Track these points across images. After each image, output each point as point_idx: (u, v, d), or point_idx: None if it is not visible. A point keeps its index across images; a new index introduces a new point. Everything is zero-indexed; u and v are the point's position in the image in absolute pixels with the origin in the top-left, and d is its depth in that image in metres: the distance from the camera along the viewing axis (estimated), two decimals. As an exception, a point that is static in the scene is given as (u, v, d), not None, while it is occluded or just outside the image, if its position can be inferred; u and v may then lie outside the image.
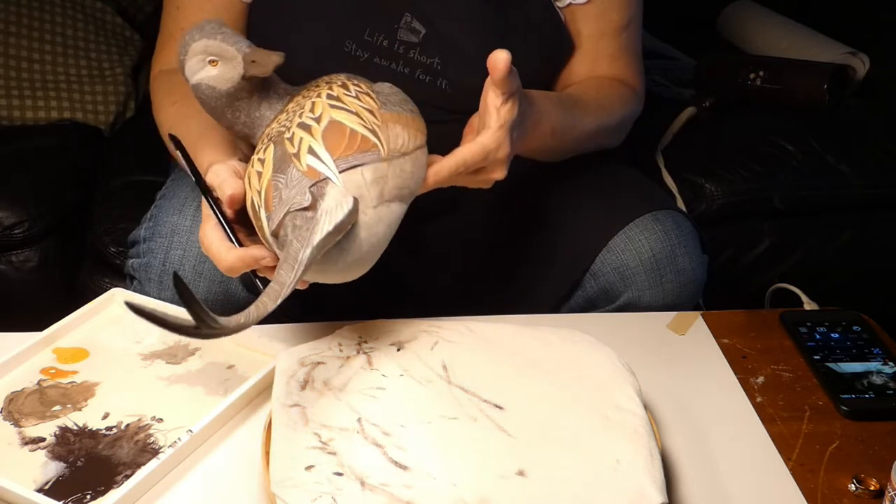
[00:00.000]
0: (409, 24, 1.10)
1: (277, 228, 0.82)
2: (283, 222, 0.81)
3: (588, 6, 1.15)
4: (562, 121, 1.05)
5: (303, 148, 0.83)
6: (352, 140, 0.84)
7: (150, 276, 1.05)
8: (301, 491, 0.75)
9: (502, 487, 0.76)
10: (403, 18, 1.10)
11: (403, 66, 1.10)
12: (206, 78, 0.90)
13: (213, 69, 0.89)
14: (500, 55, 0.86)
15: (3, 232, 1.51)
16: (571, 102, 1.09)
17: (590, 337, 0.94)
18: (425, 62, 1.11)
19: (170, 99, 1.11)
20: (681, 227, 1.13)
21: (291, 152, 0.83)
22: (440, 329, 0.94)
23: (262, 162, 0.85)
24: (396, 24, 1.10)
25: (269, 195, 0.83)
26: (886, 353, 1.03)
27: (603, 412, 0.84)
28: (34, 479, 0.81)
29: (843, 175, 1.71)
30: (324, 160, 0.82)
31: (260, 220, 0.84)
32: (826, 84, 1.77)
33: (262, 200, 0.83)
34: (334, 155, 0.82)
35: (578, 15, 1.16)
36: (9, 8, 1.73)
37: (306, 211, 0.80)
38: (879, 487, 0.85)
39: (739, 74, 1.83)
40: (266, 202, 0.83)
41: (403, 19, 1.10)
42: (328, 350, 0.90)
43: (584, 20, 1.16)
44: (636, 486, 0.77)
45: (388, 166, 0.84)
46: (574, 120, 1.08)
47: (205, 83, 0.90)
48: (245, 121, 0.91)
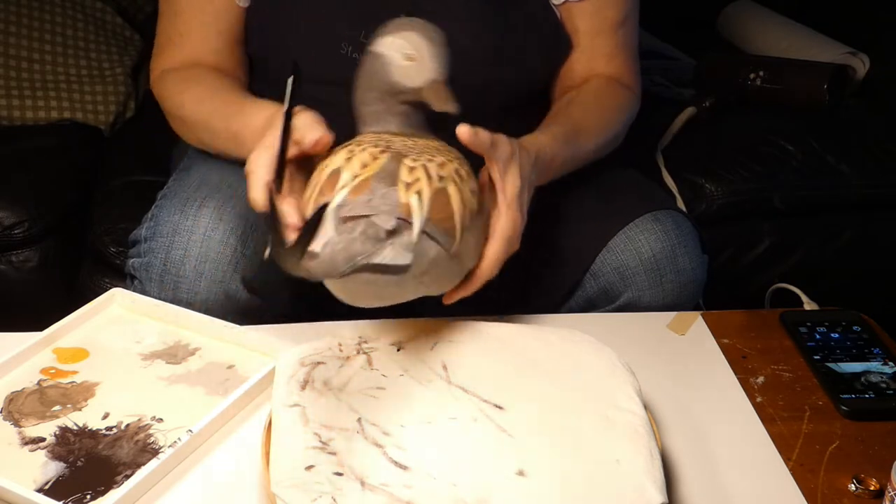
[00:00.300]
0: None
1: (345, 216, 0.82)
2: (356, 219, 0.81)
3: (584, 3, 1.15)
4: (567, 154, 1.06)
5: (415, 187, 0.84)
6: (445, 217, 0.86)
7: (150, 275, 1.05)
8: (301, 491, 0.75)
9: (502, 487, 0.76)
10: None
11: None
12: (394, 63, 0.91)
13: (405, 62, 0.91)
14: (459, 131, 0.88)
15: (3, 232, 1.51)
16: (574, 132, 1.09)
17: (590, 337, 0.94)
18: None
19: (187, 85, 1.12)
20: (681, 227, 1.13)
21: (404, 179, 0.85)
22: (440, 329, 0.94)
23: (373, 157, 0.86)
24: None
25: (361, 186, 0.84)
26: (886, 353, 1.03)
27: (603, 412, 0.84)
28: (34, 479, 0.81)
29: (843, 175, 1.71)
30: (422, 212, 0.83)
31: (332, 193, 0.84)
32: (826, 84, 1.77)
33: (351, 181, 0.84)
34: (428, 215, 0.84)
35: (574, 12, 1.16)
36: (9, 8, 1.73)
37: (379, 230, 0.81)
38: (879, 487, 0.85)
39: (739, 74, 1.83)
40: (356, 187, 0.84)
41: None
42: (328, 350, 0.90)
43: (580, 17, 1.16)
44: (636, 486, 0.77)
45: (446, 261, 0.87)
46: (579, 149, 1.09)
47: (389, 65, 0.92)
48: (372, 111, 0.94)
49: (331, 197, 0.84)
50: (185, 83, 1.13)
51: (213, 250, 1.02)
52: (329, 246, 0.79)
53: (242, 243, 1.03)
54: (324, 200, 0.84)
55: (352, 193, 0.84)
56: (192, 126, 1.13)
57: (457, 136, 0.89)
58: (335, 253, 0.78)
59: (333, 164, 0.87)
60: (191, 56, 1.16)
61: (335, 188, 0.85)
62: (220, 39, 1.16)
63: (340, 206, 0.83)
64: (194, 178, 1.10)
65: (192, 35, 1.16)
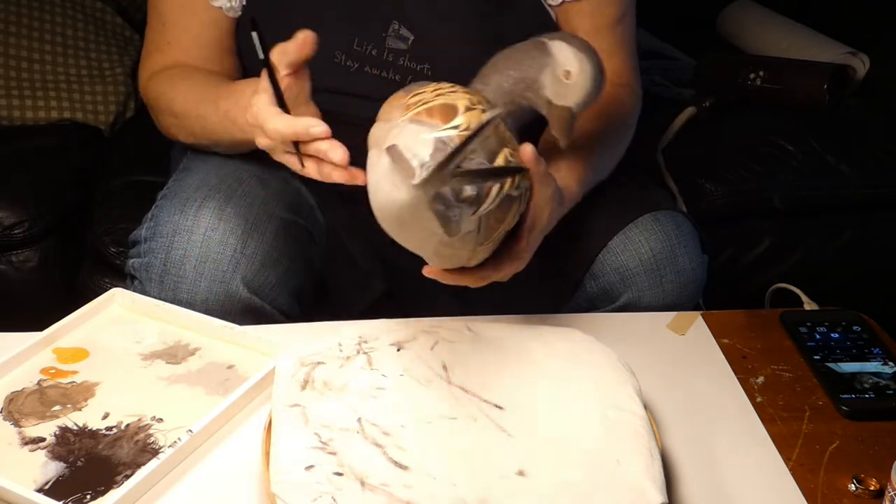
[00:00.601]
0: (396, 32, 1.10)
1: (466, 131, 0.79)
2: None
3: (582, 3, 1.15)
4: (582, 182, 1.04)
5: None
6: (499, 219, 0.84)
7: (150, 275, 1.05)
8: (301, 491, 0.75)
9: (502, 487, 0.76)
10: (391, 26, 1.10)
11: (394, 74, 1.11)
12: (553, 68, 0.90)
13: (561, 74, 0.90)
14: (525, 149, 0.86)
15: (3, 232, 1.51)
16: (594, 170, 1.07)
17: (590, 337, 0.94)
18: (415, 69, 1.11)
19: (175, 81, 1.13)
20: (681, 227, 1.13)
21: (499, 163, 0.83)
22: (440, 329, 0.93)
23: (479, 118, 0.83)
24: (384, 32, 1.10)
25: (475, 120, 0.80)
26: (886, 353, 1.03)
27: (603, 412, 0.84)
28: (34, 479, 0.81)
29: (843, 175, 1.71)
30: (489, 204, 0.80)
31: (436, 121, 0.81)
32: (826, 84, 1.77)
33: (464, 128, 0.80)
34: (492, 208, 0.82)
35: (573, 13, 1.16)
36: (9, 8, 1.73)
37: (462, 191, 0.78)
38: (879, 487, 0.85)
39: (739, 74, 1.83)
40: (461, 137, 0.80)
41: (391, 27, 1.10)
42: (328, 350, 0.90)
43: (578, 18, 1.16)
44: (636, 485, 0.77)
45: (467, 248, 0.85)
46: (593, 174, 1.08)
47: (547, 66, 0.90)
48: (498, 85, 0.92)
49: (430, 121, 0.81)
50: (174, 79, 1.14)
51: (213, 250, 1.02)
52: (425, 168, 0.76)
53: (242, 243, 1.03)
54: (423, 118, 0.82)
55: (461, 141, 0.79)
56: (183, 119, 1.12)
57: (521, 152, 0.87)
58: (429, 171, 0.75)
59: (452, 98, 0.84)
60: (178, 64, 1.16)
61: (446, 119, 0.81)
62: (207, 50, 1.16)
63: (442, 142, 0.79)
64: (194, 178, 1.10)
65: (180, 45, 1.16)
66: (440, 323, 0.95)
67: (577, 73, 0.90)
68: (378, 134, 0.85)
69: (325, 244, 1.18)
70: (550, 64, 0.91)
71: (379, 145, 0.82)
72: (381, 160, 0.80)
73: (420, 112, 0.83)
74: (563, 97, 0.91)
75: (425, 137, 0.79)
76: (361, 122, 1.14)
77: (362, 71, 1.11)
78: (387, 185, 0.78)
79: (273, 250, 1.06)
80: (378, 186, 0.81)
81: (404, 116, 0.83)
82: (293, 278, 1.08)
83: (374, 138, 0.86)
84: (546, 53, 0.91)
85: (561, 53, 0.91)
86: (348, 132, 1.15)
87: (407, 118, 0.82)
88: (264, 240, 1.05)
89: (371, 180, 0.83)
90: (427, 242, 0.83)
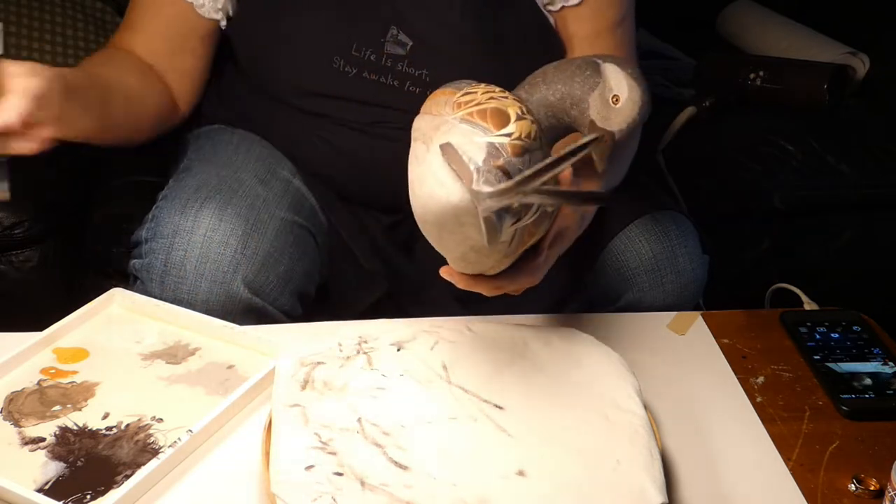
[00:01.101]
0: (395, 37, 1.10)
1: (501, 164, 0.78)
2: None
3: (581, 8, 1.15)
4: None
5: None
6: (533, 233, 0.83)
7: (151, 276, 1.05)
8: (301, 491, 0.75)
9: (502, 487, 0.76)
10: (390, 31, 1.10)
11: (392, 79, 1.11)
12: (602, 90, 0.89)
13: (610, 98, 0.88)
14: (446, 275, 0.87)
15: (3, 232, 1.51)
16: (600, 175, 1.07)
17: (590, 337, 0.94)
18: (414, 74, 1.11)
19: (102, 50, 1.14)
20: (681, 227, 1.13)
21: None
22: (440, 329, 0.93)
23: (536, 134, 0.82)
24: (383, 37, 1.10)
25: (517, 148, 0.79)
26: (886, 353, 1.03)
27: (603, 412, 0.84)
28: (34, 479, 0.81)
29: (843, 175, 1.70)
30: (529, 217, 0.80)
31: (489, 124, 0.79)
32: (826, 84, 1.77)
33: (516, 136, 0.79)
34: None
35: (572, 17, 1.15)
36: (9, 8, 1.73)
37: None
38: (879, 487, 0.85)
39: (739, 74, 1.83)
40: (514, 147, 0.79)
41: (390, 32, 1.10)
42: (328, 350, 0.90)
43: (578, 22, 1.15)
44: (636, 486, 0.78)
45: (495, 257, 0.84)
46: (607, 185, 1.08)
47: (595, 88, 0.89)
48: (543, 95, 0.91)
49: (483, 124, 0.79)
50: (102, 56, 1.14)
51: (213, 251, 1.02)
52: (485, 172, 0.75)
53: (243, 244, 1.03)
54: (476, 120, 0.80)
55: (513, 149, 0.78)
56: None
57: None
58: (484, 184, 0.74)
59: (504, 104, 0.81)
60: (134, 49, 1.15)
61: (498, 124, 0.79)
62: (164, 44, 1.15)
63: (494, 147, 0.78)
64: (194, 179, 1.10)
65: (142, 30, 1.15)
66: (440, 323, 0.95)
67: (626, 100, 0.88)
68: (424, 127, 0.83)
69: (326, 245, 1.18)
70: (600, 86, 0.89)
71: (426, 139, 0.81)
72: (431, 156, 0.78)
73: (472, 112, 0.80)
74: (608, 121, 0.89)
75: (478, 140, 0.78)
76: (360, 127, 1.14)
77: (360, 76, 1.11)
78: (433, 182, 0.77)
79: (274, 251, 1.06)
80: (423, 181, 0.79)
81: (455, 114, 0.81)
82: (294, 279, 1.08)
83: (419, 131, 0.84)
84: (597, 74, 0.89)
85: (613, 77, 0.89)
86: (346, 136, 1.15)
87: (458, 117, 0.81)
88: (265, 240, 1.05)
89: (416, 173, 0.81)
90: (459, 246, 0.83)
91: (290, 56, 1.12)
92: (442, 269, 0.89)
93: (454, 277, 0.89)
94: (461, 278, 0.89)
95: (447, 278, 0.89)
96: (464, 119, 0.80)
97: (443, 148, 0.77)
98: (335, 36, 1.10)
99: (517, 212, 0.78)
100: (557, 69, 0.92)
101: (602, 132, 0.89)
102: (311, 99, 1.13)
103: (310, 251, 1.12)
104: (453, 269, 0.88)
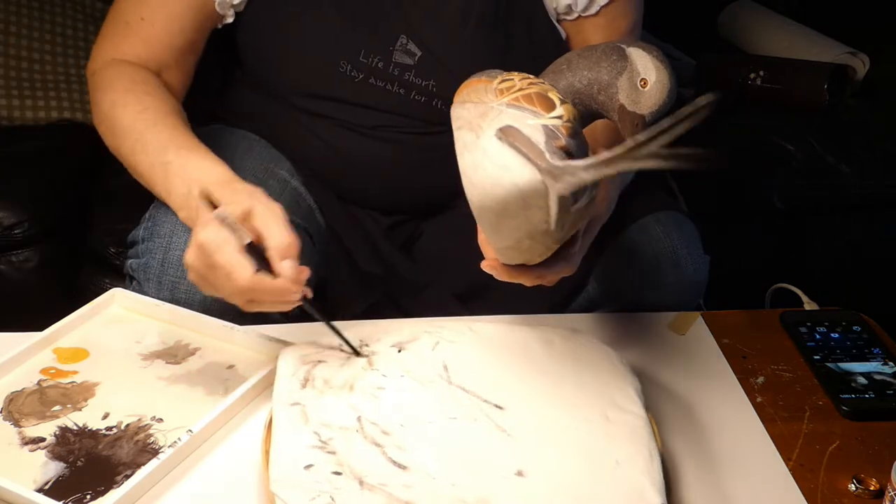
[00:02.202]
0: (404, 47, 1.10)
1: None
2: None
3: (597, 17, 1.14)
4: (616, 189, 1.04)
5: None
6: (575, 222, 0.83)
7: (148, 276, 1.04)
8: (300, 490, 0.75)
9: (501, 487, 0.76)
10: (399, 40, 1.10)
11: (399, 88, 1.11)
12: (630, 75, 0.88)
13: (638, 82, 0.88)
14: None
15: (3, 232, 1.51)
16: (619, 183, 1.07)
17: (592, 337, 0.94)
18: (420, 84, 1.11)
19: (135, 84, 1.06)
20: (682, 227, 1.13)
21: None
22: (442, 329, 0.93)
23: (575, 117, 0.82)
24: (392, 45, 1.10)
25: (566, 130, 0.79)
26: (886, 353, 1.03)
27: (603, 413, 0.84)
28: (34, 479, 0.80)
29: (843, 175, 1.71)
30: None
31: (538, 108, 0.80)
32: (826, 84, 1.77)
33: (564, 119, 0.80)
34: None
35: (586, 26, 1.15)
36: (9, 8, 1.73)
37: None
38: (879, 487, 0.85)
39: (739, 74, 1.83)
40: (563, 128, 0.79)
41: (399, 41, 1.10)
42: (330, 349, 0.90)
43: (592, 30, 1.15)
44: (635, 487, 0.77)
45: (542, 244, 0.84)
46: (621, 181, 1.08)
47: (622, 73, 0.88)
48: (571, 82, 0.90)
49: (532, 108, 0.80)
50: (135, 82, 1.07)
51: (211, 250, 1.02)
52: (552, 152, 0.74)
53: None
54: (522, 104, 0.80)
55: (566, 130, 0.79)
56: (122, 128, 1.05)
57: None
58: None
59: (544, 88, 0.82)
60: (144, 48, 1.10)
61: (545, 108, 0.80)
62: (180, 38, 1.11)
63: (550, 130, 0.78)
64: (193, 178, 1.10)
65: (155, 23, 1.10)
66: (442, 323, 0.95)
67: (654, 83, 0.88)
68: (468, 116, 0.83)
69: (323, 245, 1.18)
70: (627, 70, 0.89)
71: (473, 127, 0.81)
72: (485, 142, 0.78)
73: (518, 97, 0.81)
74: (638, 104, 0.88)
75: (531, 123, 0.78)
76: (361, 129, 1.14)
77: (367, 82, 1.11)
78: (493, 167, 0.77)
79: (271, 250, 1.05)
80: (479, 167, 0.79)
81: (500, 101, 0.81)
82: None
83: (462, 119, 0.84)
84: (624, 58, 0.89)
85: (640, 61, 0.89)
86: (347, 137, 1.15)
87: (503, 102, 0.81)
88: None
89: (468, 160, 0.81)
90: (515, 232, 0.82)
91: (298, 56, 1.12)
92: (483, 263, 0.88)
93: (496, 270, 0.88)
94: (504, 270, 0.88)
95: (488, 271, 0.88)
96: (510, 104, 0.80)
97: (503, 131, 0.77)
98: (344, 40, 1.10)
99: (579, 194, 0.77)
100: (582, 56, 0.92)
101: (635, 117, 0.89)
102: (315, 100, 1.13)
103: (306, 251, 1.12)
104: (495, 262, 0.88)
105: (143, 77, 1.08)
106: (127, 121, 1.04)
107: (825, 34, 1.97)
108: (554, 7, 1.14)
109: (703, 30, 2.16)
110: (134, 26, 1.11)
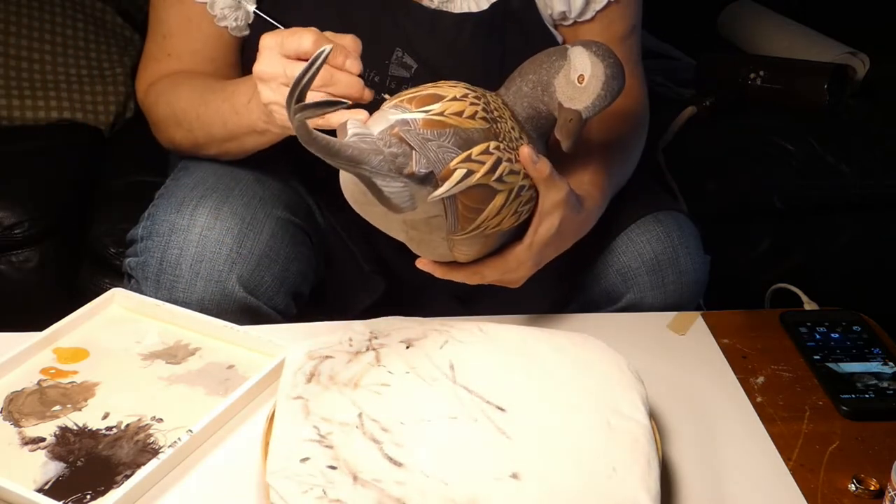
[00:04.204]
0: (400, 60, 1.10)
1: (398, 131, 0.82)
2: (402, 141, 0.81)
3: (593, 23, 1.14)
4: (604, 189, 1.05)
5: (472, 167, 0.84)
6: (473, 209, 0.86)
7: (146, 274, 1.04)
8: (293, 482, 0.75)
9: (494, 489, 0.76)
10: (395, 53, 1.09)
11: None
12: (567, 72, 0.91)
13: (574, 78, 0.91)
14: (522, 150, 0.88)
15: (3, 232, 1.51)
16: (604, 165, 1.08)
17: (602, 343, 0.93)
18: None
19: (178, 82, 1.11)
20: (682, 227, 1.13)
21: (472, 153, 0.85)
22: (451, 329, 0.93)
23: (472, 115, 0.86)
24: (388, 59, 1.09)
25: (437, 124, 0.84)
26: (886, 353, 1.03)
27: (606, 419, 0.84)
28: (34, 479, 0.81)
29: (843, 175, 1.71)
30: (452, 187, 0.83)
31: (412, 105, 0.84)
32: (826, 84, 1.77)
33: (436, 113, 0.84)
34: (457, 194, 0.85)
35: (582, 32, 1.15)
36: (9, 8, 1.73)
37: (404, 164, 0.81)
38: (879, 487, 0.85)
39: (739, 74, 1.83)
40: (433, 122, 0.83)
41: (395, 54, 1.09)
42: (338, 345, 0.90)
43: (589, 36, 1.14)
44: (629, 495, 0.77)
45: (440, 238, 0.88)
46: (614, 181, 1.08)
47: (560, 70, 0.92)
48: (519, 88, 0.94)
49: (409, 108, 0.84)
50: (175, 80, 1.12)
51: (209, 249, 1.02)
52: (358, 136, 0.78)
53: (238, 243, 1.03)
54: (404, 105, 0.84)
55: (426, 123, 0.83)
56: (184, 115, 1.10)
57: (518, 152, 0.88)
58: (357, 144, 0.77)
59: (443, 90, 0.87)
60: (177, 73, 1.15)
61: (421, 105, 0.84)
62: (208, 64, 1.15)
63: (405, 122, 0.82)
64: (191, 177, 1.10)
65: (180, 58, 1.14)
66: (452, 323, 0.95)
67: (590, 77, 0.90)
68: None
69: (323, 245, 1.18)
70: (565, 67, 0.92)
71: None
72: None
73: (403, 100, 0.86)
74: (573, 100, 0.91)
75: (389, 118, 0.83)
76: None
77: None
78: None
79: (269, 250, 1.05)
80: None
81: (390, 104, 0.86)
82: (289, 278, 1.08)
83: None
84: (563, 57, 0.92)
85: (578, 58, 0.91)
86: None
87: (391, 105, 0.86)
88: (260, 239, 1.05)
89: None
90: (391, 223, 0.85)
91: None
92: (417, 261, 0.90)
93: (429, 267, 0.90)
94: (436, 267, 0.90)
95: (425, 269, 0.90)
96: (395, 106, 0.85)
97: (338, 129, 0.81)
98: None
99: (425, 178, 0.81)
100: (531, 61, 0.95)
101: (570, 113, 0.91)
102: None
103: (305, 251, 1.12)
104: (425, 260, 0.89)
105: (181, 76, 1.13)
106: (183, 103, 1.10)
107: (825, 34, 1.97)
108: (549, 14, 1.14)
109: (703, 30, 2.16)
110: (163, 60, 1.16)
